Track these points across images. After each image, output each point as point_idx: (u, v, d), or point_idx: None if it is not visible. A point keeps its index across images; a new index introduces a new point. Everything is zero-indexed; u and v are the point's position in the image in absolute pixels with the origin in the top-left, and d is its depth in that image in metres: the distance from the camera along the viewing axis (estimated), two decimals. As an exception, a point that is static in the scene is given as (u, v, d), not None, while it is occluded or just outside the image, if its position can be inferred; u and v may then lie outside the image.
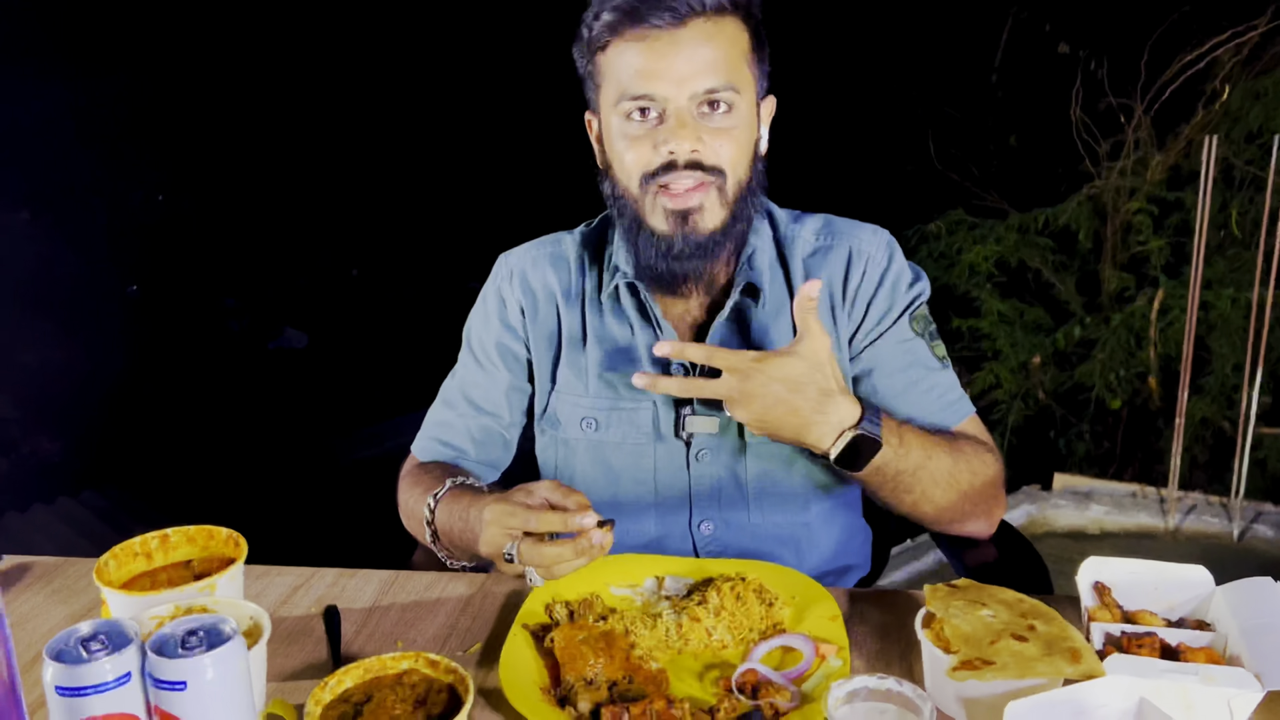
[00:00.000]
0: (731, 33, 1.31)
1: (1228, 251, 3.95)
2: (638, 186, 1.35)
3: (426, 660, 1.02)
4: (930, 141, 4.69)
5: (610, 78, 1.34)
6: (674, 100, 1.30)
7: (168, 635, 0.90)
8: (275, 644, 1.22)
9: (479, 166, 6.62)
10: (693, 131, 1.30)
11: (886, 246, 1.47)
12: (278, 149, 6.12)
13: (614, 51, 1.32)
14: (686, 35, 1.28)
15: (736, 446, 1.46)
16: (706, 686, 1.14)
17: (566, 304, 1.52)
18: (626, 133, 1.34)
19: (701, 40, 1.29)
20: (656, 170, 1.32)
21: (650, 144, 1.32)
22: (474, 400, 1.56)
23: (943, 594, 1.14)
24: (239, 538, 1.21)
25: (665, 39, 1.28)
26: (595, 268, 1.52)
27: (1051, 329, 4.26)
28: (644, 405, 1.47)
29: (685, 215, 1.33)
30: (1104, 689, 0.98)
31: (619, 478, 1.50)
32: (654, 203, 1.34)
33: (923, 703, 0.99)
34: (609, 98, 1.35)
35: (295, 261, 6.37)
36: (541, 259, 1.55)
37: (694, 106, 1.30)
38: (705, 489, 1.48)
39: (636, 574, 1.35)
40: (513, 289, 1.54)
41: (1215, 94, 4.02)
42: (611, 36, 1.31)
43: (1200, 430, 3.95)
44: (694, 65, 1.29)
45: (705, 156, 1.32)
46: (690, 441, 1.46)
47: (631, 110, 1.32)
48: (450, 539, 1.37)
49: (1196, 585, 1.20)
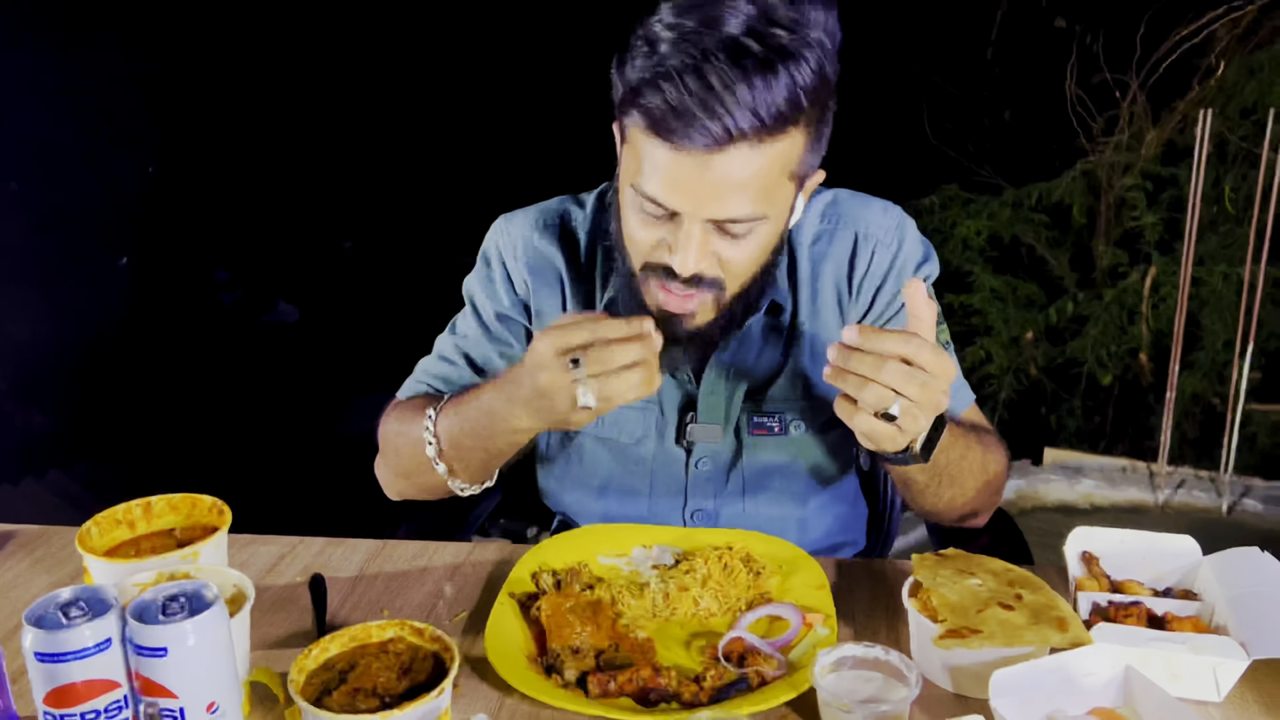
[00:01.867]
0: (780, 150, 1.12)
1: (1221, 228, 3.94)
2: (639, 267, 1.23)
3: (412, 628, 1.02)
4: (925, 116, 4.66)
5: (632, 145, 1.17)
6: (689, 217, 1.14)
7: (149, 601, 0.90)
8: (260, 612, 1.22)
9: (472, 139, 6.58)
10: (702, 250, 1.16)
11: (896, 229, 1.39)
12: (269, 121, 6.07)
13: (640, 133, 1.13)
14: (721, 160, 1.09)
15: (735, 451, 1.44)
16: (693, 655, 1.14)
17: (574, 288, 1.44)
18: (637, 210, 1.19)
19: (739, 165, 1.10)
20: (657, 266, 1.20)
21: (658, 237, 1.19)
22: (474, 359, 1.48)
23: (930, 563, 1.14)
24: (223, 506, 1.21)
25: (699, 158, 1.09)
26: (605, 263, 1.42)
27: (1044, 304, 4.26)
28: (650, 407, 1.43)
29: (676, 315, 1.23)
30: (1090, 657, 0.99)
31: (616, 469, 1.47)
32: (649, 286, 1.23)
33: (909, 671, 0.99)
34: (627, 165, 1.20)
35: (288, 234, 6.33)
36: (550, 232, 1.45)
37: (711, 225, 1.15)
38: (701, 485, 1.46)
39: (624, 543, 1.35)
40: (517, 263, 1.45)
41: (1210, 69, 4.00)
42: (638, 121, 1.13)
43: (1190, 406, 3.96)
44: (720, 191, 1.11)
45: (708, 270, 1.19)
46: (691, 450, 1.44)
47: (643, 202, 1.16)
48: (461, 440, 1.28)
49: (1183, 555, 1.20)
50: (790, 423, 1.42)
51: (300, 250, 6.32)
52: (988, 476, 1.33)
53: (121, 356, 4.78)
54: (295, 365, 5.19)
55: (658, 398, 1.42)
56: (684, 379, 1.41)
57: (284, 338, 5.74)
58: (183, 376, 4.84)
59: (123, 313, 5.13)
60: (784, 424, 1.42)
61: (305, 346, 5.55)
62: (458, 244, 5.87)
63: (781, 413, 1.41)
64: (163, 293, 5.61)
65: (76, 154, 5.26)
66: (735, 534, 1.34)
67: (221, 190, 6.05)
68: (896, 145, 4.83)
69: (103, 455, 3.99)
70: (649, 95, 1.09)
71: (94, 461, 3.93)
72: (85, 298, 5.03)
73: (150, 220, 5.67)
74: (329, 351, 5.32)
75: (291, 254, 6.24)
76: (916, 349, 1.04)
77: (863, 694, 1.00)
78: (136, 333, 5.07)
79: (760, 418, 1.41)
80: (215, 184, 6.04)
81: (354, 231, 6.52)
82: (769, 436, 1.42)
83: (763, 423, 1.42)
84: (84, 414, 4.30)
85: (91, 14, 5.25)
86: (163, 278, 5.68)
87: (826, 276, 1.39)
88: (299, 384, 4.90)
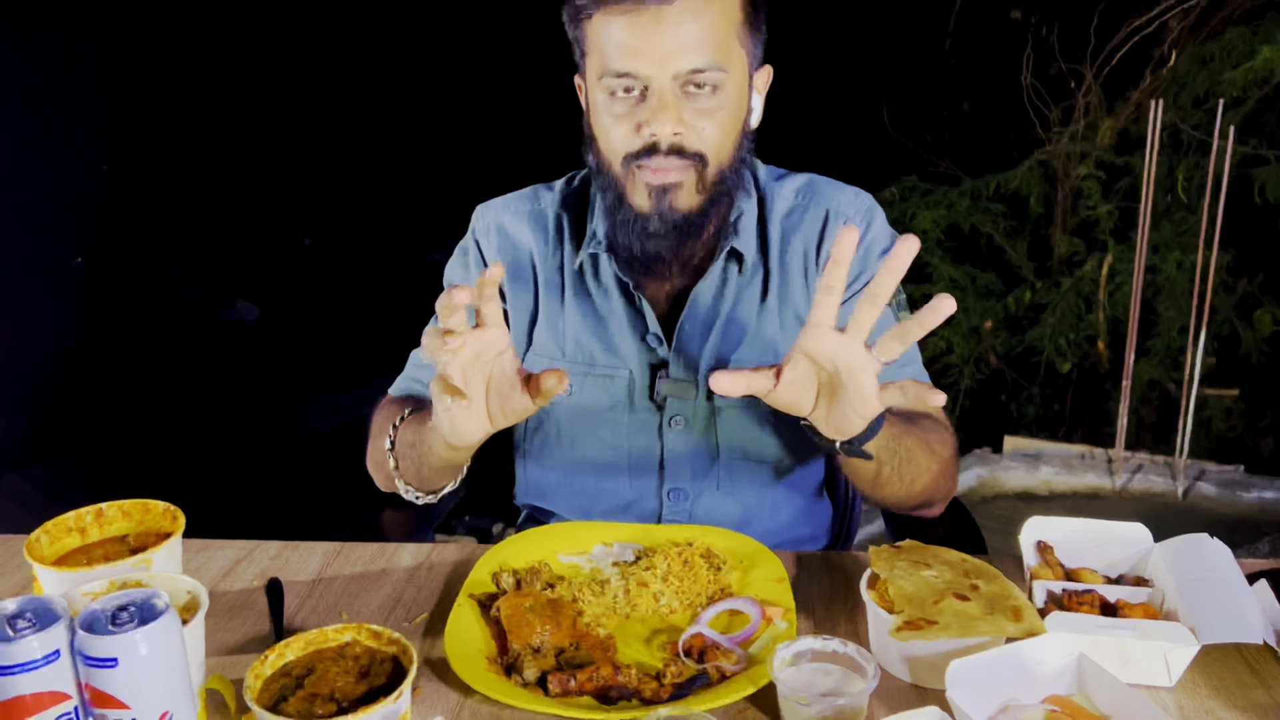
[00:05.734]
0: (723, 5, 1.26)
1: (1174, 215, 4.00)
2: (620, 165, 1.31)
3: (369, 632, 1.01)
4: (884, 107, 4.69)
5: (595, 49, 1.29)
6: (657, 79, 1.25)
7: (97, 611, 0.88)
8: (216, 618, 1.20)
9: (434, 135, 6.54)
10: (675, 113, 1.26)
11: (866, 212, 1.45)
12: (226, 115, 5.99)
13: (598, 22, 1.27)
14: (672, 11, 1.22)
15: (708, 415, 1.45)
16: (654, 651, 1.14)
17: (544, 265, 1.49)
18: (610, 109, 1.30)
19: (689, 16, 1.23)
20: (638, 152, 1.29)
21: (632, 124, 1.28)
22: None
23: (887, 555, 1.15)
24: (177, 511, 1.19)
25: (650, 14, 1.22)
26: (574, 230, 1.49)
27: (1003, 294, 4.31)
28: (620, 371, 1.46)
29: (664, 189, 1.30)
30: (1044, 646, 1.00)
31: (592, 442, 1.49)
32: (635, 179, 1.31)
33: (867, 663, 1.00)
34: (594, 69, 1.30)
35: (246, 232, 6.25)
36: (520, 215, 1.51)
37: (677, 86, 1.26)
38: (676, 456, 1.47)
39: (585, 541, 1.34)
40: (490, 244, 1.51)
41: (1163, 60, 4.06)
42: (595, 8, 1.26)
43: (1147, 392, 4.02)
44: (679, 43, 1.23)
45: (688, 141, 1.28)
46: (664, 405, 1.45)
47: (615, 88, 1.27)
48: (407, 451, 1.33)
49: (1136, 542, 1.22)
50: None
51: (259, 248, 6.24)
52: (940, 460, 1.33)
53: (79, 358, 4.70)
54: (255, 364, 5.13)
55: (630, 361, 1.45)
56: (654, 343, 1.43)
57: (244, 336, 5.67)
58: (139, 378, 4.77)
59: (79, 314, 5.05)
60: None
61: (265, 345, 5.49)
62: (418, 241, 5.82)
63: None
64: (119, 293, 5.52)
65: (28, 153, 5.17)
66: (696, 530, 1.34)
67: (178, 187, 5.97)
68: (856, 137, 4.86)
69: (62, 459, 3.92)
70: None
71: (53, 465, 3.87)
72: (40, 300, 4.94)
73: (105, 219, 5.58)
74: (288, 351, 5.27)
75: (250, 252, 6.17)
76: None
77: (821, 687, 1.00)
78: (94, 334, 4.99)
79: None
80: (172, 181, 5.96)
81: (314, 228, 6.45)
82: (739, 399, 1.42)
83: None
84: (42, 418, 4.23)
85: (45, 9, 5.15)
86: (119, 277, 5.59)
87: (795, 246, 1.44)
88: (259, 383, 4.84)
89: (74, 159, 5.62)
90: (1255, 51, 3.69)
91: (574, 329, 1.47)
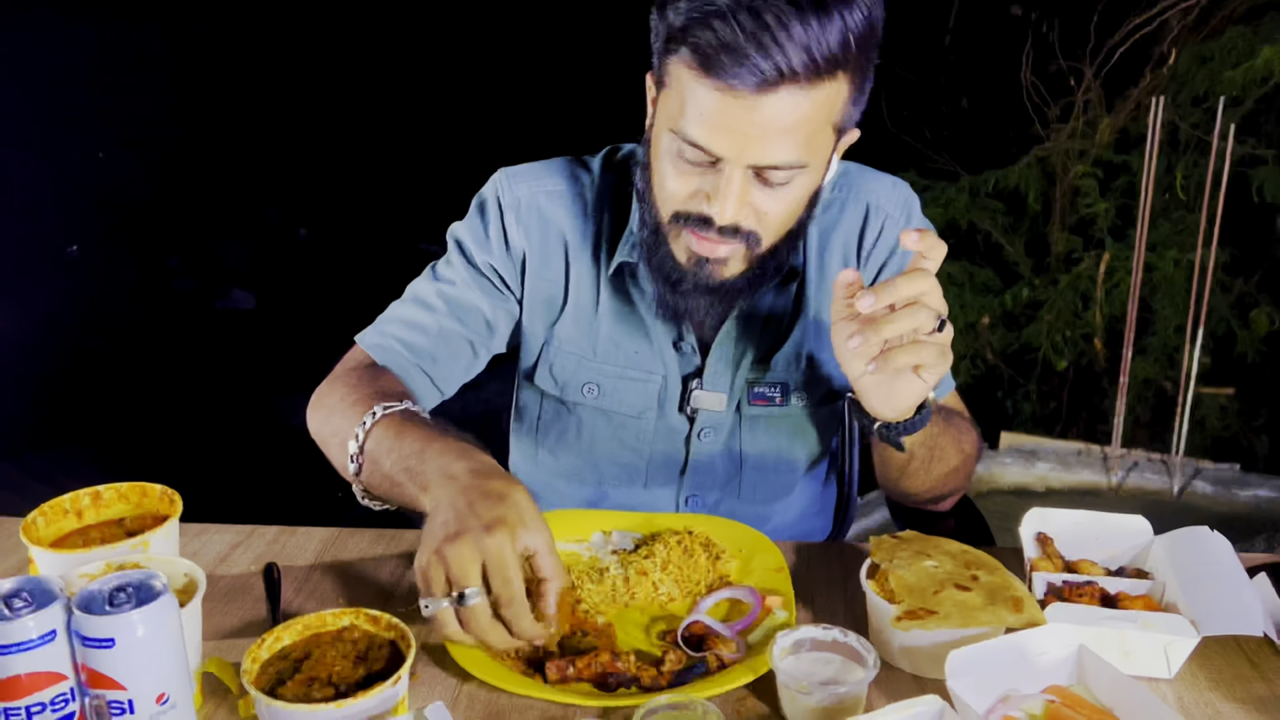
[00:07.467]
0: (826, 96, 1.10)
1: (1172, 214, 4.00)
2: (668, 218, 1.21)
3: (367, 616, 1.01)
4: (883, 103, 4.68)
5: (675, 91, 1.14)
6: (731, 162, 1.12)
7: (95, 592, 0.88)
8: (213, 602, 1.20)
9: (429, 125, 6.52)
10: (741, 199, 1.15)
11: (904, 204, 1.40)
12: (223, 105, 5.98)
13: (686, 74, 1.11)
14: (769, 101, 1.07)
15: (735, 427, 1.44)
16: (653, 639, 1.13)
17: (579, 257, 1.40)
18: (673, 160, 1.17)
19: (787, 110, 1.08)
20: (690, 215, 1.19)
21: (694, 186, 1.17)
22: (458, 303, 1.41)
23: (888, 545, 1.15)
24: (174, 494, 1.18)
25: (746, 99, 1.07)
26: (613, 224, 1.38)
27: (1000, 290, 4.30)
28: (653, 377, 1.41)
29: (708, 259, 1.21)
30: (1044, 637, 1.00)
31: (613, 445, 1.46)
32: (680, 238, 1.22)
33: (867, 653, 0.99)
34: (667, 110, 1.16)
35: (242, 221, 6.24)
36: (556, 196, 1.40)
37: (751, 174, 1.14)
38: (699, 465, 1.45)
39: (584, 528, 1.34)
40: (519, 227, 1.40)
41: (1163, 58, 4.06)
42: (685, 65, 1.11)
43: (1143, 390, 4.02)
44: (765, 136, 1.09)
45: (744, 221, 1.17)
46: (694, 418, 1.43)
47: (684, 149, 1.14)
48: (375, 469, 1.15)
49: (1136, 535, 1.22)
50: (792, 393, 1.42)
51: (255, 237, 6.23)
52: (966, 459, 1.34)
53: (74, 346, 4.68)
54: (251, 352, 5.12)
55: (663, 368, 1.41)
56: (688, 349, 1.40)
57: (239, 324, 5.66)
58: (135, 364, 4.76)
59: (74, 302, 5.03)
60: (785, 394, 1.41)
61: (261, 333, 5.48)
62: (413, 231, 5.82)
63: (784, 383, 1.41)
64: (115, 281, 5.51)
65: (22, 140, 5.15)
66: (695, 518, 1.34)
67: (174, 176, 5.95)
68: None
69: (56, 446, 3.91)
70: (699, 32, 1.07)
71: (47, 452, 3.86)
72: (35, 287, 4.92)
73: (101, 207, 5.56)
74: (285, 338, 5.25)
75: (245, 241, 6.16)
76: (933, 287, 1.05)
77: (821, 676, 1.00)
78: (89, 322, 4.98)
79: (761, 388, 1.41)
80: (168, 169, 5.94)
81: (309, 218, 6.44)
82: (769, 407, 1.42)
83: (763, 393, 1.41)
84: (36, 404, 4.21)
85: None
86: (114, 265, 5.57)
87: (835, 247, 1.39)
88: (254, 370, 4.83)
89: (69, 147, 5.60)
90: (1255, 51, 3.68)
91: (608, 328, 1.41)
